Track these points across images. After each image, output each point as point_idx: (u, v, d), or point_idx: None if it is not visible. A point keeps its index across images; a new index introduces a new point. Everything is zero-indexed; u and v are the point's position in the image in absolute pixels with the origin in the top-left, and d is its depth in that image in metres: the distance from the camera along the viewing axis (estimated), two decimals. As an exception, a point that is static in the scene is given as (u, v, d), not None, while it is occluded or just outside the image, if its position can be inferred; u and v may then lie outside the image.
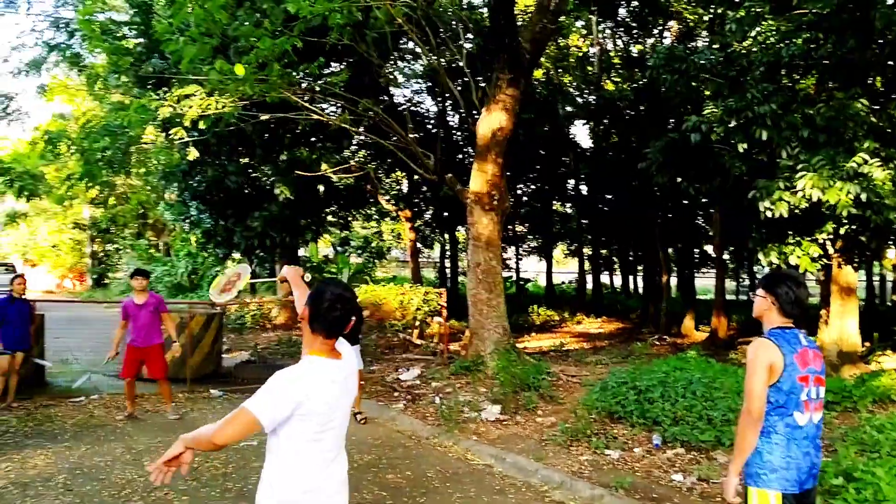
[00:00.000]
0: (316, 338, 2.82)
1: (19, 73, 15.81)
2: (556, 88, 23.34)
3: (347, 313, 2.83)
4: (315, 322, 2.81)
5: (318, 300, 2.82)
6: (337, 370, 2.84)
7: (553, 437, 8.04)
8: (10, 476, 6.49)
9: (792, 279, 3.44)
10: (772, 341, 3.32)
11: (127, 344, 8.93)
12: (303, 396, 2.66)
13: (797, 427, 3.28)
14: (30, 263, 41.40)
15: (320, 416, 2.72)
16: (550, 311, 23.89)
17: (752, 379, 3.28)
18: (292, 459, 2.74)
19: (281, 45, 9.70)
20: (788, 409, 3.28)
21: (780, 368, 3.26)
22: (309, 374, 2.76)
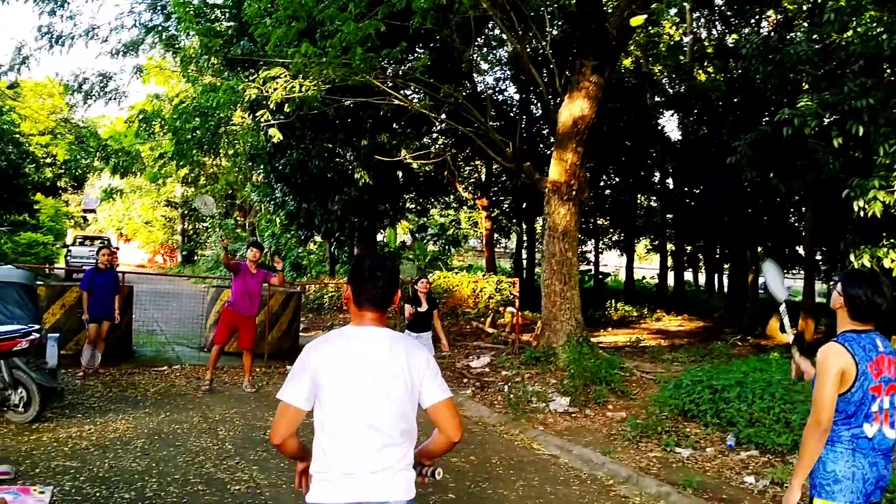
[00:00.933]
0: (363, 314, 2.66)
1: (117, 54, 16.41)
2: (644, 77, 22.79)
3: (390, 282, 2.67)
4: (358, 295, 2.65)
5: (358, 272, 2.69)
6: (373, 337, 2.61)
7: (622, 432, 7.90)
8: (92, 438, 6.80)
9: (870, 280, 3.15)
10: (844, 347, 3.06)
11: (225, 307, 9.39)
12: (318, 360, 2.53)
13: (865, 438, 3.06)
14: (124, 238, 43.26)
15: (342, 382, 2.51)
16: (629, 306, 23.46)
17: (821, 388, 3.04)
18: (319, 432, 2.56)
19: (365, 28, 9.79)
20: (857, 420, 3.06)
21: (853, 377, 3.02)
22: (331, 339, 2.63)
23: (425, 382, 2.62)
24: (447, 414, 2.63)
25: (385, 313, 2.71)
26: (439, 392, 2.64)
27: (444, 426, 2.63)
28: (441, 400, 2.63)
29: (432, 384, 2.64)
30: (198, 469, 6.08)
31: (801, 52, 11.06)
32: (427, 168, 20.33)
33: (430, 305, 9.15)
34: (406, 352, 2.62)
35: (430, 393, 2.63)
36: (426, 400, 2.62)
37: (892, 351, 3.17)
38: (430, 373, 2.65)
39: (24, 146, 28.80)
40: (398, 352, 2.60)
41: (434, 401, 2.62)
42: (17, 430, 6.88)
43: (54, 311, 10.49)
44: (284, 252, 26.90)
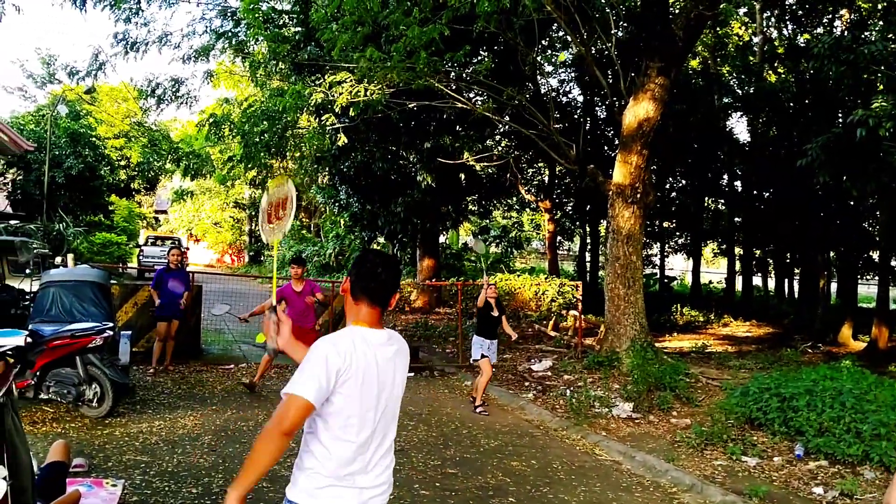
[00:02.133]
0: (360, 307, 2.57)
1: (189, 59, 16.89)
2: (712, 78, 22.32)
3: (391, 279, 2.59)
4: (357, 287, 2.58)
5: (361, 264, 2.61)
6: (383, 341, 2.57)
7: (687, 439, 7.75)
8: (162, 434, 7.01)
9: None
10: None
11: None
12: (341, 362, 2.42)
13: None
14: (193, 239, 44.46)
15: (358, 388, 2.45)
16: (695, 311, 22.98)
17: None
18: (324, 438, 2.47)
19: (429, 32, 9.86)
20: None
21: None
22: (349, 339, 2.50)
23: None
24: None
25: (384, 312, 2.63)
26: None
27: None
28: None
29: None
30: (263, 466, 6.19)
31: (876, 52, 10.67)
32: (490, 170, 20.31)
33: (500, 311, 9.23)
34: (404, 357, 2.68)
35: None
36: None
37: None
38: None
39: (99, 149, 29.88)
40: (400, 356, 2.65)
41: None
42: (91, 424, 7.13)
43: (127, 310, 10.86)
44: (348, 253, 27.23)
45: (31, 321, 8.11)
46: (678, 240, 29.64)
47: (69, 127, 27.85)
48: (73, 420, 7.23)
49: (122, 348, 8.37)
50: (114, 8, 15.64)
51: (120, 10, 15.74)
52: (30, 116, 30.36)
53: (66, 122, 28.17)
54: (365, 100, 11.25)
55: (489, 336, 9.21)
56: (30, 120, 29.57)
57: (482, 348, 9.10)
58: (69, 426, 7.01)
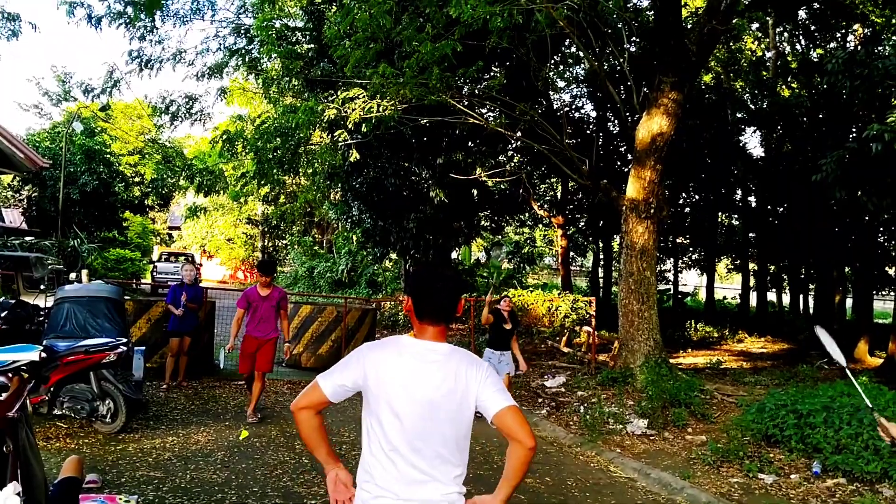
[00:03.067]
0: (424, 327, 2.53)
1: (203, 77, 17.07)
2: (725, 94, 22.28)
3: (453, 293, 2.52)
4: (419, 307, 2.52)
5: (417, 282, 2.56)
6: (429, 352, 2.48)
7: (702, 456, 7.66)
8: (175, 449, 6.99)
9: None
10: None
11: (244, 335, 8.60)
12: (370, 367, 2.44)
13: None
14: (206, 255, 44.65)
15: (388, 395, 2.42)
16: (709, 326, 22.82)
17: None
18: (364, 446, 2.51)
19: (442, 48, 9.90)
20: None
21: None
22: (385, 346, 2.51)
23: (485, 394, 2.45)
24: (516, 420, 2.42)
25: (447, 326, 2.57)
26: (502, 400, 2.44)
27: (515, 432, 2.41)
28: (505, 406, 2.43)
29: (494, 394, 2.45)
30: (275, 482, 6.18)
31: (890, 67, 10.63)
32: (502, 186, 20.33)
33: (514, 324, 9.34)
34: (462, 367, 2.47)
35: (493, 402, 2.44)
36: (490, 409, 2.43)
37: None
38: (489, 384, 2.47)
39: (114, 166, 30.14)
40: (452, 367, 2.47)
41: (498, 408, 2.43)
42: (104, 439, 7.13)
43: (140, 325, 10.88)
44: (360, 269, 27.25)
45: (45, 337, 8.12)
46: (692, 255, 29.50)
47: (84, 144, 28.12)
48: (86, 436, 7.23)
49: (136, 364, 8.36)
50: (129, 26, 15.82)
51: (135, 28, 15.93)
52: (45, 133, 30.66)
53: (81, 139, 28.44)
54: (377, 115, 11.30)
55: (501, 348, 9.34)
56: (45, 137, 29.86)
57: (492, 360, 9.15)
58: (83, 442, 7.02)
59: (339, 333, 12.42)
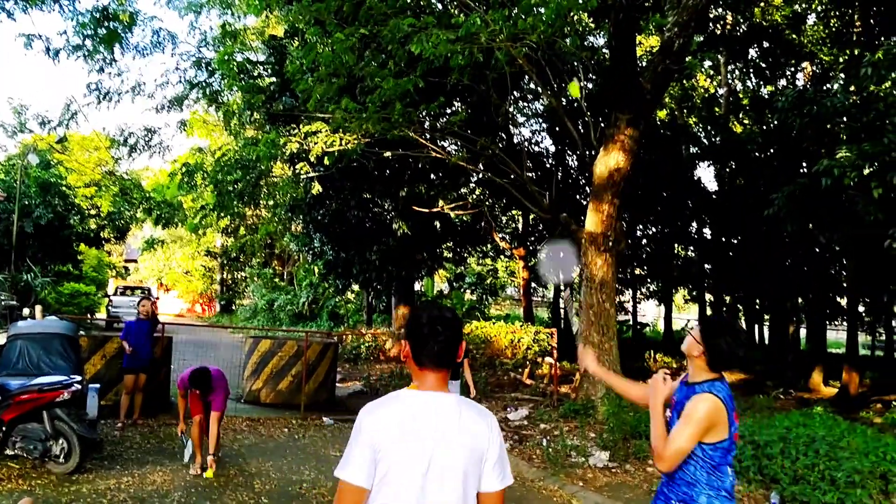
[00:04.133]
0: (424, 374, 2.40)
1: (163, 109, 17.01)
2: (679, 129, 22.85)
3: (453, 336, 2.39)
4: (418, 353, 2.39)
5: (416, 326, 2.41)
6: (439, 406, 2.34)
7: (663, 488, 7.72)
8: (130, 490, 6.83)
9: (730, 330, 3.20)
10: (720, 398, 3.07)
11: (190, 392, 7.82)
12: (375, 428, 2.28)
13: (729, 486, 3.13)
14: (164, 288, 43.98)
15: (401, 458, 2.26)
16: (668, 357, 23.06)
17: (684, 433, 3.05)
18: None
19: (404, 85, 10.02)
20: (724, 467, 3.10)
21: (727, 426, 3.07)
22: (389, 404, 2.36)
23: (489, 465, 2.35)
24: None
25: (448, 371, 2.43)
26: (499, 481, 2.36)
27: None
28: (498, 490, 2.36)
29: (496, 470, 2.36)
30: (235, 522, 6.07)
31: (839, 104, 11.03)
32: (464, 218, 20.46)
33: (464, 353, 9.28)
34: (477, 422, 2.36)
35: (490, 480, 2.35)
36: (483, 485, 2.35)
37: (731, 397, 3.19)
38: (497, 455, 2.37)
39: (69, 198, 29.61)
40: (468, 422, 2.34)
41: (491, 489, 2.36)
42: (57, 480, 6.95)
43: (95, 362, 10.64)
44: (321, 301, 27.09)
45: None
46: (649, 286, 29.94)
47: (39, 176, 27.63)
48: (39, 476, 7.04)
49: (91, 402, 8.17)
50: (87, 59, 15.70)
51: (93, 60, 15.81)
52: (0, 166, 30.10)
53: (37, 172, 27.96)
54: (340, 149, 11.35)
55: (452, 377, 9.30)
56: (0, 170, 29.31)
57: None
58: (35, 483, 6.83)
59: (299, 368, 12.30)
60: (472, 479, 2.33)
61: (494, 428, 2.40)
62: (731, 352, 3.09)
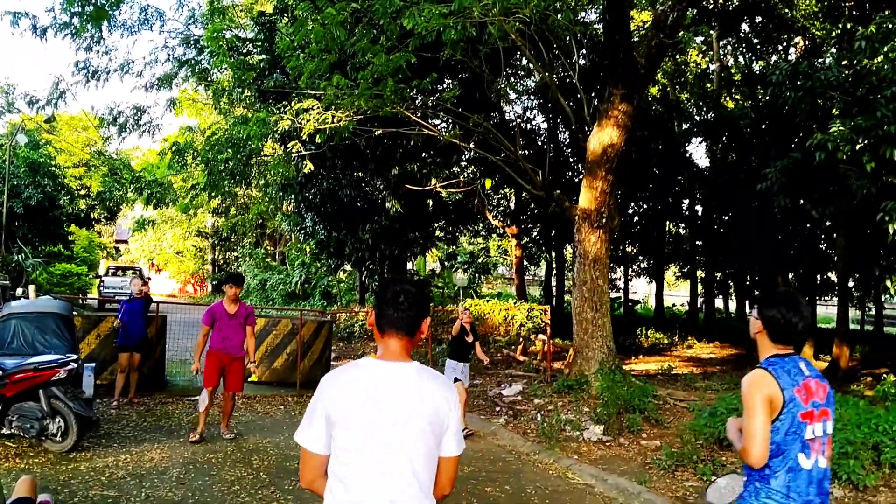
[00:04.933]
0: (386, 340, 2.47)
1: (151, 88, 16.84)
2: (672, 105, 22.82)
3: (417, 305, 2.47)
4: (381, 319, 2.46)
5: (382, 295, 2.49)
6: (399, 373, 2.41)
7: (657, 460, 7.80)
8: (129, 467, 6.86)
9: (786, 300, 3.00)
10: (769, 372, 2.87)
11: (208, 350, 8.30)
12: (333, 396, 2.37)
13: (802, 470, 2.85)
14: (155, 269, 43.83)
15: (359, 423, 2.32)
16: (659, 333, 23.21)
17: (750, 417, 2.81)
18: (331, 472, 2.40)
19: (396, 60, 9.95)
20: (791, 451, 2.84)
21: (780, 404, 2.81)
22: (349, 371, 2.44)
23: (450, 433, 2.45)
24: (451, 471, 2.50)
25: (412, 340, 2.49)
26: (455, 447, 2.47)
27: (443, 480, 2.48)
28: (453, 456, 2.47)
29: (452, 436, 2.46)
30: (233, 499, 6.11)
31: (832, 78, 11.00)
32: (457, 196, 20.43)
33: (474, 336, 9.46)
34: (437, 391, 2.42)
35: (449, 446, 2.46)
36: (443, 450, 2.45)
37: (816, 373, 2.99)
38: (455, 422, 2.46)
39: (59, 178, 29.39)
40: (428, 391, 2.40)
41: (447, 454, 2.46)
42: (55, 459, 6.96)
43: (89, 341, 10.64)
44: (314, 281, 27.07)
45: (-9, 354, 7.91)
46: (641, 263, 30.04)
47: (28, 156, 27.39)
48: (36, 455, 7.05)
49: (86, 381, 8.19)
50: (75, 37, 15.53)
51: (81, 39, 15.64)
52: (-13, 146, 29.81)
53: (25, 152, 27.70)
54: (332, 127, 11.28)
55: (462, 359, 9.41)
56: (-13, 150, 29.03)
57: (455, 371, 9.26)
58: (33, 461, 6.84)
59: (294, 347, 12.32)
60: (433, 446, 2.40)
61: (454, 398, 2.48)
62: (787, 321, 2.93)
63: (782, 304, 2.97)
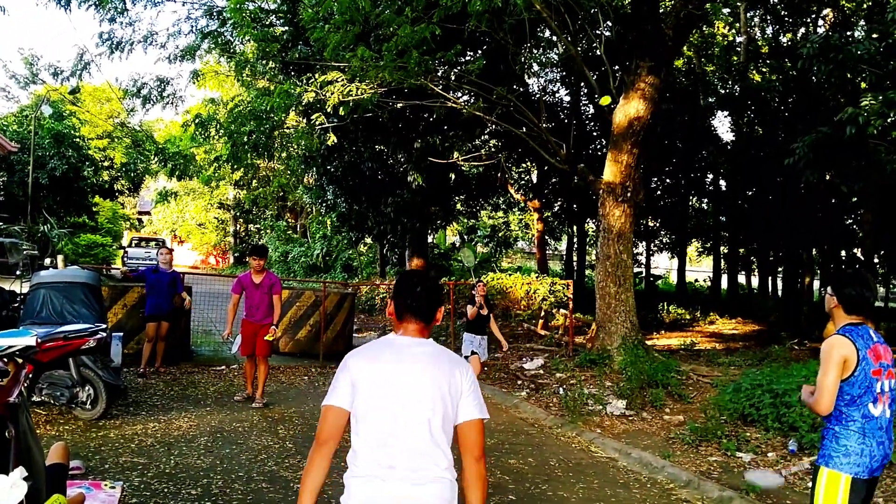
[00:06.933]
0: (405, 325, 2.69)
1: (175, 60, 16.78)
2: (697, 78, 22.47)
3: (431, 294, 2.70)
4: (400, 307, 2.69)
5: (398, 284, 2.76)
6: (417, 347, 2.63)
7: (681, 435, 7.80)
8: (157, 435, 6.96)
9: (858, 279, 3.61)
10: (847, 337, 3.45)
11: (242, 319, 8.73)
12: (358, 366, 2.57)
13: (873, 418, 3.43)
14: (177, 240, 44.16)
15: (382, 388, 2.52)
16: (681, 309, 23.13)
17: (824, 374, 3.42)
18: (354, 440, 2.57)
19: (420, 32, 9.87)
20: (864, 400, 3.42)
21: (854, 363, 3.39)
22: (373, 346, 2.69)
23: (464, 398, 2.60)
24: (477, 434, 2.60)
25: (428, 326, 2.72)
26: (476, 410, 2.61)
27: (471, 446, 2.59)
28: (476, 418, 2.60)
29: (471, 401, 2.61)
30: (261, 467, 6.18)
31: (864, 52, 10.78)
32: (478, 170, 20.33)
33: (489, 308, 9.46)
34: (451, 367, 2.61)
35: (467, 409, 2.60)
36: (461, 415, 2.59)
37: (882, 340, 3.59)
38: (470, 389, 2.62)
39: (83, 150, 29.60)
40: (443, 365, 2.60)
41: (468, 418, 2.60)
42: (84, 426, 7.08)
43: (116, 311, 10.75)
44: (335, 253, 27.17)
45: (21, 323, 8.00)
46: (663, 239, 29.84)
47: (53, 128, 27.60)
48: (66, 422, 7.18)
49: (115, 350, 8.27)
50: (98, 8, 15.52)
51: (105, 9, 15.63)
52: (13, 117, 30.06)
53: (50, 123, 27.92)
54: (356, 99, 11.23)
55: (479, 332, 9.42)
56: (13, 121, 29.28)
57: (472, 345, 9.32)
58: (63, 428, 6.96)
59: (317, 318, 12.40)
60: (449, 410, 2.57)
61: (467, 373, 2.67)
62: (861, 295, 3.53)
63: (856, 282, 3.58)
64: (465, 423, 2.59)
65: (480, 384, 9.45)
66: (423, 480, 2.49)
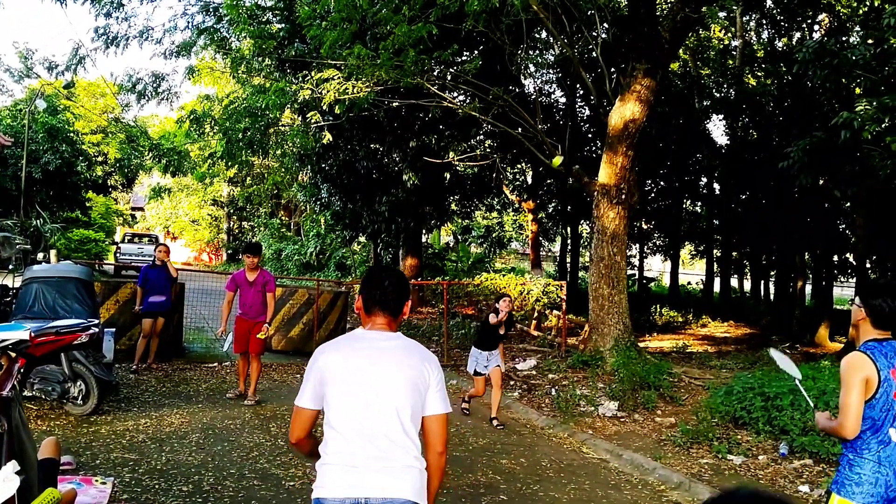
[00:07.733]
0: (373, 319, 2.76)
1: (170, 56, 16.73)
2: (693, 81, 22.51)
3: (398, 287, 2.76)
4: (367, 301, 2.75)
5: (366, 278, 2.82)
6: (385, 339, 2.70)
7: (672, 437, 7.83)
8: (149, 432, 6.95)
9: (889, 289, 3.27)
10: (867, 355, 3.17)
11: (236, 316, 8.67)
12: (324, 361, 2.65)
13: (892, 444, 3.17)
14: (170, 237, 44.03)
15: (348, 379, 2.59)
16: (674, 311, 23.16)
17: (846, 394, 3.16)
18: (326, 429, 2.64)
19: (417, 31, 9.87)
20: (885, 426, 3.17)
21: (875, 384, 3.13)
22: (339, 340, 2.76)
23: (431, 392, 2.67)
24: (441, 428, 2.68)
25: (396, 320, 2.78)
26: (440, 405, 2.68)
27: (434, 439, 2.67)
28: (440, 413, 2.68)
29: (437, 396, 2.68)
30: (252, 464, 6.17)
31: (859, 57, 10.82)
32: (473, 170, 20.32)
33: (507, 327, 8.71)
34: (420, 360, 2.68)
35: (433, 403, 2.67)
36: (427, 409, 2.67)
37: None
38: (437, 383, 2.69)
39: (77, 144, 29.44)
40: (413, 358, 2.67)
41: (434, 412, 2.67)
42: (76, 422, 7.06)
43: (108, 307, 10.73)
44: (329, 252, 27.14)
45: (13, 317, 7.99)
46: (656, 241, 29.90)
47: (47, 122, 27.46)
48: (57, 418, 7.16)
49: (107, 346, 8.27)
50: (94, 2, 15.47)
51: (100, 4, 15.57)
52: (6, 111, 29.88)
53: (44, 117, 27.77)
54: (352, 97, 11.22)
55: (487, 347, 8.50)
56: (7, 115, 29.11)
57: (477, 364, 8.49)
58: (54, 424, 6.95)
59: (310, 316, 12.39)
60: (417, 401, 2.63)
61: (435, 366, 2.72)
62: (892, 308, 3.20)
63: (886, 294, 3.25)
64: (430, 416, 2.66)
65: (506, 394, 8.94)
66: (395, 468, 2.56)
